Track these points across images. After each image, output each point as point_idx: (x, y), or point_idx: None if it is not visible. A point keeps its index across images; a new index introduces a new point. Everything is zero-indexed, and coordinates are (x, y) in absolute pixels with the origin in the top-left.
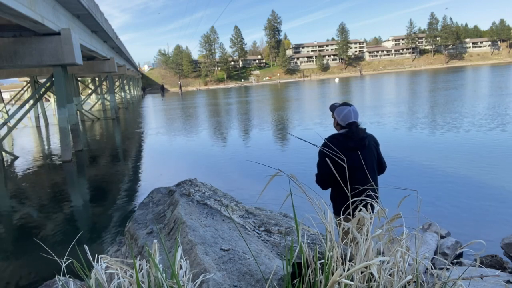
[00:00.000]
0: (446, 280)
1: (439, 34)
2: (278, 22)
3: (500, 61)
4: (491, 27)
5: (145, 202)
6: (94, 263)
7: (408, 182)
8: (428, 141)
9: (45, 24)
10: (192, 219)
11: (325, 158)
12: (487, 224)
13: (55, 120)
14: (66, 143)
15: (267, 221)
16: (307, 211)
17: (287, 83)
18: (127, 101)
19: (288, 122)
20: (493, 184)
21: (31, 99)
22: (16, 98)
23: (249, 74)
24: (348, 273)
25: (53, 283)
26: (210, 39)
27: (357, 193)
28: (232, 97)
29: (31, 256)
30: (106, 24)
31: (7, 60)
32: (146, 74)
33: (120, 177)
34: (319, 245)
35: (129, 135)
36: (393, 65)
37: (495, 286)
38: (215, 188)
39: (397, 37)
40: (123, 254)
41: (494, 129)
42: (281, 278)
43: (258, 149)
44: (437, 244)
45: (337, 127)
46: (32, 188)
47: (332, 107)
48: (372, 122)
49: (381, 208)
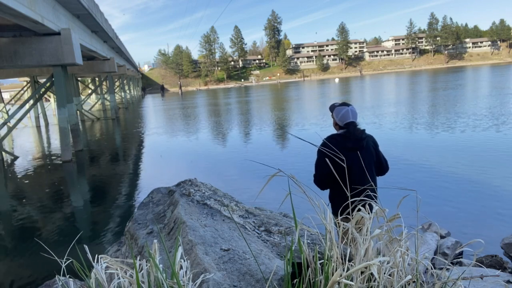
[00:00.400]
0: (446, 280)
1: (439, 34)
2: (278, 22)
3: (500, 61)
4: (491, 27)
5: (145, 202)
6: (94, 263)
7: (408, 182)
8: (426, 141)
9: (45, 24)
10: (192, 219)
11: (323, 158)
12: (487, 224)
13: (55, 120)
14: (66, 143)
15: (267, 221)
16: (307, 211)
17: (287, 83)
18: (127, 101)
19: (288, 122)
20: (493, 184)
21: (31, 99)
22: (16, 98)
23: (249, 74)
24: (348, 273)
25: (53, 283)
26: (210, 39)
27: (355, 194)
28: (232, 97)
29: (31, 256)
30: (106, 24)
31: (7, 60)
32: (146, 74)
33: (120, 177)
34: (319, 245)
35: (129, 135)
36: (393, 65)
37: (495, 286)
38: (215, 188)
39: (397, 37)
40: (123, 254)
41: (493, 130)
42: (281, 278)
43: (258, 149)
44: (437, 244)
45: (336, 127)
46: (32, 188)
47: (332, 107)
48: (368, 123)
49: (380, 208)
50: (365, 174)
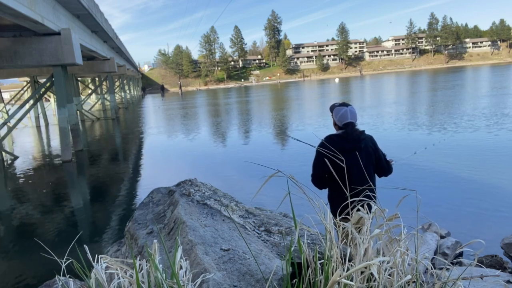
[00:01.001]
0: (446, 280)
1: (439, 34)
2: (278, 22)
3: (500, 61)
4: (491, 27)
5: (145, 202)
6: (94, 263)
7: (407, 182)
8: (425, 141)
9: (45, 24)
10: (192, 219)
11: (320, 158)
12: (487, 224)
13: (55, 120)
14: (66, 143)
15: (267, 221)
16: (307, 211)
17: (287, 83)
18: (127, 101)
19: (287, 122)
20: (493, 184)
21: (31, 99)
22: (16, 98)
23: (249, 74)
24: (348, 273)
25: (53, 283)
26: (210, 39)
27: (353, 194)
28: (232, 97)
29: (31, 256)
30: (106, 24)
31: (7, 60)
32: (146, 74)
33: (120, 177)
34: (319, 245)
35: (129, 135)
36: (393, 65)
37: (495, 286)
38: (215, 188)
39: (397, 37)
40: (123, 254)
41: (493, 130)
42: (281, 278)
43: (258, 149)
44: (437, 244)
45: (335, 127)
46: (32, 188)
47: (332, 107)
48: (364, 123)
49: (379, 208)
50: (364, 175)
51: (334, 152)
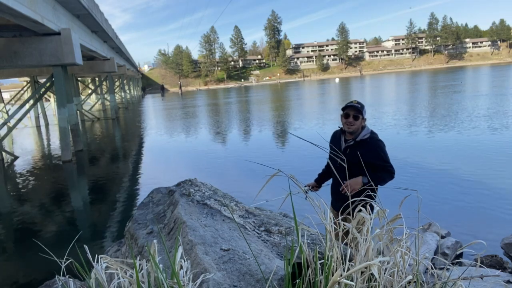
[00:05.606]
0: (446, 280)
1: (439, 34)
2: (278, 22)
3: (500, 61)
4: (491, 27)
5: (145, 202)
6: (94, 263)
7: (408, 182)
8: (424, 141)
9: (45, 24)
10: (192, 219)
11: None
12: (487, 224)
13: (55, 120)
14: (66, 143)
15: (267, 221)
16: (307, 211)
17: (287, 83)
18: (127, 101)
19: (288, 122)
20: (493, 184)
21: (31, 99)
22: (16, 98)
23: (249, 74)
24: (349, 273)
25: (53, 283)
26: (210, 39)
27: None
28: (232, 97)
29: (31, 256)
30: (106, 24)
31: (7, 60)
32: (146, 74)
33: (120, 177)
34: (319, 245)
35: (129, 135)
36: (393, 65)
37: (495, 286)
38: (215, 188)
39: (397, 37)
40: (123, 254)
41: (492, 129)
42: (281, 278)
43: (259, 149)
44: (437, 244)
45: (362, 122)
46: (32, 188)
47: (362, 105)
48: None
49: (381, 208)
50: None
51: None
